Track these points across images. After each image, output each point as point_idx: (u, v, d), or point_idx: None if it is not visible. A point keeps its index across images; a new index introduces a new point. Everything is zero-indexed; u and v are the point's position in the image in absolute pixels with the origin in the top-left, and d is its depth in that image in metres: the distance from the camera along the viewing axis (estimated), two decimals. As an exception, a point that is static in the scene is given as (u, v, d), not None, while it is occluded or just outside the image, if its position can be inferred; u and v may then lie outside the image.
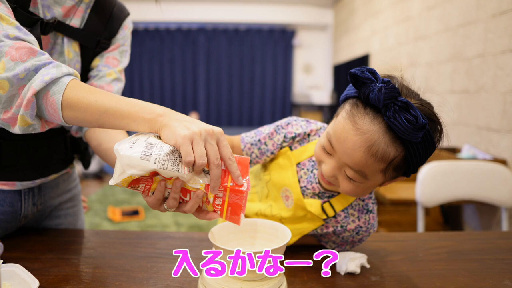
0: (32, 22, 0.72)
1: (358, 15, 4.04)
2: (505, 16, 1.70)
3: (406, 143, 0.62)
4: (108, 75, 0.87)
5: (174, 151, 0.56)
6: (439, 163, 1.57)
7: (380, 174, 0.66)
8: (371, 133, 0.62)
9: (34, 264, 0.72)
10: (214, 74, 5.90)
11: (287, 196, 0.79)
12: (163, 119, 0.57)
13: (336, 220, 0.76)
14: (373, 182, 0.68)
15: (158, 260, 0.76)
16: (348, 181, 0.68)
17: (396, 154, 0.63)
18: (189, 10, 5.36)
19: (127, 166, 0.55)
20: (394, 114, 0.59)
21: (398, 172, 0.67)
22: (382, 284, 0.67)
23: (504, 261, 0.77)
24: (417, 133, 0.59)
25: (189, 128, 0.56)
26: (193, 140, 0.55)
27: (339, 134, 0.66)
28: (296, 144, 0.80)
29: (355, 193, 0.70)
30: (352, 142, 0.64)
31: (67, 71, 0.62)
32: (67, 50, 0.80)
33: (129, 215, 3.41)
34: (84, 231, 0.93)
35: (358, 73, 0.63)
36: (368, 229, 0.77)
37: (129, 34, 0.93)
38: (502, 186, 1.54)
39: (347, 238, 0.79)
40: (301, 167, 0.79)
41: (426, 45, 2.49)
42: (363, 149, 0.63)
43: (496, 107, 1.76)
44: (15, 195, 0.83)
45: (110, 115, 0.59)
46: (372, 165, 0.64)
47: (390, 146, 0.62)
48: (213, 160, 0.56)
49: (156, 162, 0.55)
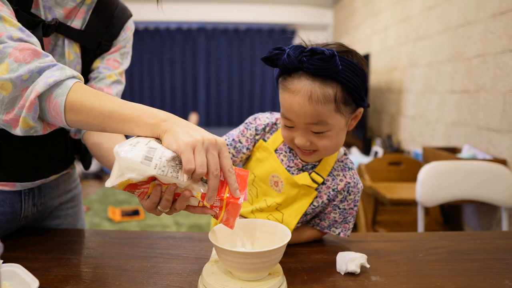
0: (34, 24, 0.72)
1: (358, 15, 4.04)
2: (505, 16, 1.70)
3: (335, 77, 0.70)
4: (108, 77, 0.87)
5: (175, 157, 0.56)
6: (439, 163, 1.57)
7: (337, 114, 0.73)
8: (304, 88, 0.71)
9: (34, 264, 0.72)
10: (214, 74, 5.89)
11: (276, 182, 0.82)
12: (166, 124, 0.57)
13: (327, 186, 0.82)
14: (339, 125, 0.75)
15: (158, 260, 0.76)
16: (321, 137, 0.75)
17: (334, 90, 0.71)
18: (189, 10, 5.35)
19: (126, 169, 0.54)
20: (308, 62, 0.69)
21: (350, 104, 0.74)
22: (382, 284, 0.67)
23: (504, 261, 0.77)
24: (333, 63, 0.68)
25: (192, 135, 0.55)
26: (195, 148, 0.55)
27: (287, 106, 0.74)
28: (268, 134, 0.86)
29: (334, 145, 0.77)
30: (297, 104, 0.72)
31: (71, 74, 0.62)
32: (67, 52, 0.80)
33: (129, 215, 3.41)
34: (84, 231, 0.93)
35: (267, 55, 0.74)
36: (356, 184, 0.83)
37: (131, 36, 0.93)
38: (502, 186, 1.54)
39: (343, 207, 0.83)
40: (279, 152, 0.84)
41: (426, 45, 2.49)
42: (307, 102, 0.71)
43: (496, 107, 1.76)
44: (15, 196, 0.83)
45: (113, 119, 0.59)
46: (324, 110, 0.71)
47: (324, 87, 0.71)
48: (212, 170, 0.56)
49: (156, 167, 0.54)
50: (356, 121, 0.81)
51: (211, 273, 0.64)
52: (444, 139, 2.20)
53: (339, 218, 0.84)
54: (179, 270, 0.72)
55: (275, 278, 0.63)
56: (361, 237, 0.91)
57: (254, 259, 0.59)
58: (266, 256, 0.59)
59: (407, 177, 2.18)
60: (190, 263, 0.74)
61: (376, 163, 2.24)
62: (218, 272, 0.64)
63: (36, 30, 0.71)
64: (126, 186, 0.57)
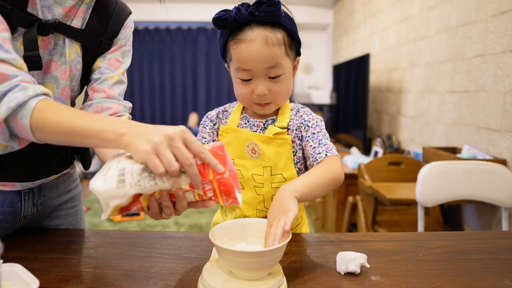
0: (30, 23, 0.72)
1: (358, 15, 4.04)
2: (505, 16, 1.70)
3: (280, 23, 0.81)
4: (110, 79, 0.87)
5: (145, 167, 0.57)
6: (439, 163, 1.57)
7: (286, 57, 0.84)
8: (259, 35, 0.80)
9: (34, 264, 0.72)
10: (214, 74, 5.89)
11: (253, 149, 0.88)
12: (125, 139, 0.58)
13: (291, 130, 0.89)
14: (289, 69, 0.85)
15: (158, 260, 0.76)
16: (277, 82, 0.84)
17: (282, 34, 0.82)
18: (189, 10, 5.35)
19: (109, 199, 0.57)
20: (258, 11, 0.79)
21: (293, 50, 0.86)
22: (382, 284, 0.67)
23: (504, 261, 0.77)
24: (279, 8, 0.79)
25: (150, 140, 0.56)
26: (158, 152, 0.56)
27: (245, 56, 0.81)
28: (224, 120, 0.95)
29: (287, 89, 0.86)
30: (255, 50, 0.80)
31: (34, 93, 0.63)
32: (68, 51, 0.80)
33: (129, 215, 3.41)
34: (84, 231, 0.93)
35: (216, 16, 0.81)
36: (310, 113, 0.92)
37: (130, 34, 0.93)
38: (502, 186, 1.54)
39: (311, 133, 0.88)
40: (241, 126, 0.92)
41: (426, 45, 2.49)
42: (265, 46, 0.80)
43: (496, 107, 1.76)
44: (15, 196, 0.83)
45: (76, 136, 0.61)
46: (278, 52, 0.81)
47: (274, 32, 0.81)
48: (184, 161, 0.57)
49: (132, 185, 0.56)
50: (295, 71, 0.90)
51: (211, 273, 0.64)
52: (444, 139, 2.20)
53: (314, 143, 0.88)
54: (179, 270, 0.72)
55: (275, 277, 0.63)
56: (361, 237, 0.91)
57: (254, 258, 0.59)
58: (266, 256, 0.59)
59: (407, 177, 2.18)
60: (190, 263, 0.74)
61: (376, 163, 2.24)
62: (218, 272, 0.64)
63: (31, 28, 0.71)
64: (118, 211, 0.60)
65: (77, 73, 0.84)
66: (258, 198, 0.88)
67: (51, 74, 0.79)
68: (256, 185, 0.88)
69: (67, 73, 0.81)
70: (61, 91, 0.81)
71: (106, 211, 0.58)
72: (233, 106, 0.97)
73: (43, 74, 0.79)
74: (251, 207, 0.89)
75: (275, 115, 0.91)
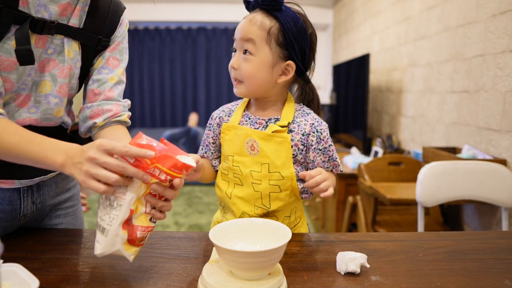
0: (22, 20, 0.71)
1: (358, 15, 4.04)
2: (505, 16, 1.70)
3: (277, 16, 0.85)
4: (110, 80, 0.88)
5: (102, 202, 0.64)
6: (439, 163, 1.57)
7: (266, 45, 0.86)
8: (252, 15, 0.88)
9: (34, 264, 0.72)
10: (214, 74, 5.89)
11: (252, 146, 0.89)
12: (67, 170, 0.64)
13: (296, 132, 0.90)
14: (264, 58, 0.86)
15: (158, 260, 0.76)
16: (246, 60, 0.87)
17: (271, 23, 0.85)
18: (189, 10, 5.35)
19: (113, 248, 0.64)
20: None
21: (281, 48, 0.87)
22: (382, 284, 0.67)
23: (504, 261, 0.77)
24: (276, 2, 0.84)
25: (81, 168, 0.62)
26: (92, 175, 0.61)
27: (237, 28, 0.89)
28: (227, 117, 0.96)
29: (254, 73, 0.87)
30: (241, 24, 0.88)
31: None
32: (67, 50, 0.80)
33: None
34: (84, 230, 0.93)
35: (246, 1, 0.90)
36: (320, 122, 0.92)
37: (126, 30, 0.93)
38: (502, 186, 1.54)
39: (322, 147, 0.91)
40: (242, 123, 0.93)
41: (426, 45, 2.49)
42: (248, 23, 0.86)
43: (496, 107, 1.76)
44: (14, 194, 0.83)
45: (22, 160, 0.67)
46: (257, 32, 0.85)
47: (265, 18, 0.86)
48: (116, 170, 0.61)
49: (109, 223, 0.63)
50: (286, 77, 0.90)
51: (211, 273, 0.64)
52: (444, 139, 2.20)
53: (324, 158, 0.92)
54: (179, 270, 0.72)
55: (275, 277, 0.63)
56: (361, 237, 0.91)
57: (254, 258, 0.59)
58: (266, 256, 0.59)
59: (407, 177, 2.18)
60: (190, 263, 0.74)
61: (376, 163, 2.24)
62: (218, 272, 0.64)
63: (23, 25, 0.71)
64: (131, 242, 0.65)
65: (76, 71, 0.84)
66: (255, 194, 0.88)
67: (48, 72, 0.80)
68: (254, 182, 0.88)
69: (66, 71, 0.81)
70: (58, 89, 0.82)
71: (127, 253, 0.65)
72: (237, 104, 0.99)
73: (40, 72, 0.79)
74: (249, 204, 0.89)
75: (278, 115, 0.93)
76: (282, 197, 0.89)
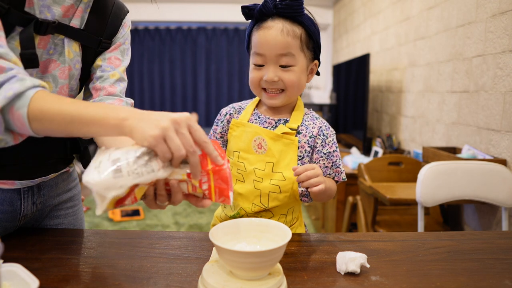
0: (27, 22, 0.72)
1: (358, 15, 4.04)
2: (505, 16, 1.70)
3: (301, 22, 0.86)
4: (111, 76, 0.88)
5: (140, 155, 0.56)
6: (439, 163, 1.57)
7: (301, 53, 0.88)
8: (277, 24, 0.86)
9: (34, 264, 0.72)
10: (214, 74, 5.89)
11: (259, 144, 0.90)
12: (129, 123, 0.57)
13: (303, 135, 0.91)
14: (302, 65, 0.89)
15: (158, 260, 0.76)
16: (288, 71, 0.87)
17: (300, 30, 0.87)
18: (189, 10, 5.35)
19: (106, 190, 0.55)
20: (276, 4, 0.85)
21: (310, 50, 0.90)
22: (382, 284, 0.67)
23: (504, 261, 0.77)
24: (300, 5, 0.84)
25: (157, 125, 0.56)
26: (166, 137, 0.55)
27: (261, 40, 0.87)
28: (236, 114, 0.97)
29: (297, 82, 0.88)
30: (270, 35, 0.85)
31: (31, 84, 0.62)
32: (67, 50, 0.80)
33: (129, 215, 3.41)
34: (84, 231, 0.93)
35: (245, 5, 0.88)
36: (328, 127, 0.94)
37: (128, 32, 0.93)
38: (502, 186, 1.54)
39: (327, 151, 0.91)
40: (251, 121, 0.94)
41: (426, 45, 2.49)
42: (280, 34, 0.85)
43: (496, 107, 1.76)
44: (15, 194, 0.83)
45: (77, 124, 0.60)
46: (293, 43, 0.86)
47: (293, 26, 0.86)
48: (188, 148, 0.56)
49: (129, 174, 0.55)
50: (312, 75, 0.94)
51: (211, 273, 0.64)
52: (444, 139, 2.20)
53: (328, 163, 0.92)
54: (179, 270, 0.72)
55: (275, 278, 0.63)
56: (361, 237, 0.91)
57: (254, 258, 0.59)
58: (266, 256, 0.59)
59: (407, 177, 2.18)
60: (190, 263, 0.74)
61: (376, 163, 2.24)
62: (218, 272, 0.64)
63: (28, 27, 0.71)
64: (114, 204, 0.58)
65: (76, 72, 0.84)
66: (255, 192, 0.89)
67: (49, 73, 0.80)
68: (255, 179, 0.90)
69: (66, 72, 0.81)
70: (59, 90, 0.82)
71: (102, 205, 0.57)
72: (247, 103, 1.01)
73: (41, 73, 0.79)
74: (247, 200, 0.90)
75: (288, 117, 0.94)
76: (281, 199, 0.89)
